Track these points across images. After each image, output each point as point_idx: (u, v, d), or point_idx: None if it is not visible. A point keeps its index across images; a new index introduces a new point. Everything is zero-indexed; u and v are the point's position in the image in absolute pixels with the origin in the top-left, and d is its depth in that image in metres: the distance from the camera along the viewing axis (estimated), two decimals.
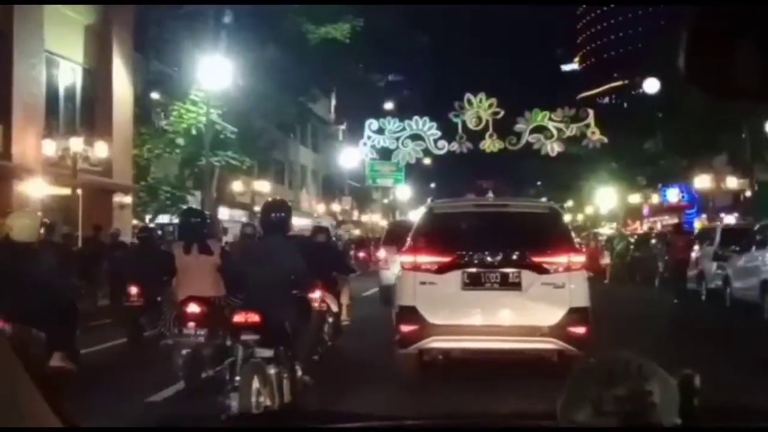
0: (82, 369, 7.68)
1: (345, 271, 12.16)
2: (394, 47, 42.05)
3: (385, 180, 61.93)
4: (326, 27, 23.75)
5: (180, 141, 22.13)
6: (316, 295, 8.55)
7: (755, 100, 1.28)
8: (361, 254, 38.67)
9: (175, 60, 22.14)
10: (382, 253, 18.30)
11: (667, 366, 1.52)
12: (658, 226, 51.81)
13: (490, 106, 33.48)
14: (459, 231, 9.60)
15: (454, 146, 33.93)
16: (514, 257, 8.82)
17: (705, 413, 1.57)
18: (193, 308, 8.47)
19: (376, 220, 64.77)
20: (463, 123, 33.83)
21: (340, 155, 45.72)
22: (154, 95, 23.52)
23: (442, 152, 33.42)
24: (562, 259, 8.79)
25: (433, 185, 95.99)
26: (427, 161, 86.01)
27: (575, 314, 8.58)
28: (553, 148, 32.92)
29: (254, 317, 6.69)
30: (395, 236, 16.41)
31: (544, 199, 19.47)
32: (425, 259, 8.96)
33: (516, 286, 8.74)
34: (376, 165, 62.01)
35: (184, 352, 8.45)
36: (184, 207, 18.85)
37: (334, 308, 10.91)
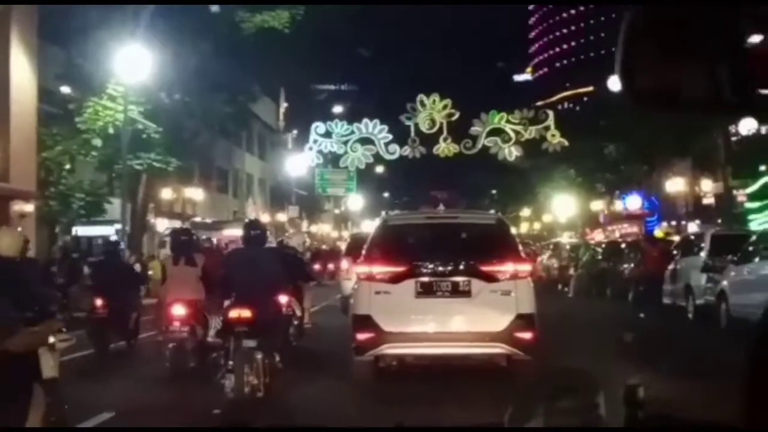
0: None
1: (308, 279, 14.37)
2: (338, 54, 39.84)
3: (335, 189, 59.65)
4: (262, 15, 21.29)
5: (96, 142, 19.48)
6: (283, 299, 10.13)
7: (707, 112, 1.31)
8: (317, 266, 36.36)
9: (88, 50, 19.47)
10: (344, 264, 18.64)
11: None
12: (616, 235, 50.32)
13: (445, 107, 31.27)
14: (412, 242, 10.01)
15: (407, 151, 31.63)
16: (464, 267, 9.21)
17: (650, 424, 1.55)
18: (179, 309, 10.22)
19: (326, 230, 62.28)
20: (416, 126, 31.57)
21: (286, 162, 43.31)
22: (66, 89, 20.78)
23: (393, 157, 31.15)
24: (508, 267, 9.20)
25: (386, 195, 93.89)
26: (379, 169, 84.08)
27: (522, 320, 8.94)
28: (511, 152, 30.87)
29: (246, 313, 8.34)
30: (357, 248, 15.62)
31: (492, 211, 19.40)
32: (380, 269, 9.33)
33: (466, 294, 9.10)
34: (326, 173, 59.79)
35: (170, 345, 10.14)
36: (103, 217, 19.88)
37: (299, 312, 12.65)
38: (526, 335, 8.89)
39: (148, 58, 19.32)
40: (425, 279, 9.19)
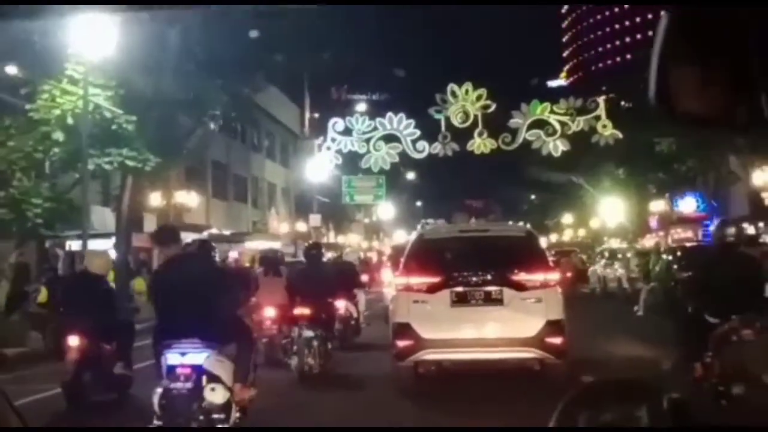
0: None
1: (360, 286, 17.35)
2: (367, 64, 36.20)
3: (363, 197, 56.23)
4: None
5: (58, 135, 15.97)
6: (341, 303, 14.30)
7: (735, 131, 1.62)
8: (365, 276, 33.45)
9: (39, 22, 16.12)
10: (388, 275, 19.04)
11: None
12: (668, 241, 46.21)
13: (479, 98, 27.50)
14: (446, 255, 10.72)
15: (437, 148, 27.87)
16: (496, 276, 9.91)
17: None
18: (270, 312, 12.89)
19: (355, 241, 58.78)
20: (447, 120, 27.84)
21: (306, 167, 39.98)
22: (11, 69, 17.34)
23: (422, 155, 27.47)
24: (538, 276, 9.92)
25: (419, 204, 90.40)
26: (410, 176, 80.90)
27: (552, 326, 9.57)
28: (557, 146, 27.03)
29: (306, 311, 11.51)
30: (399, 258, 16.89)
31: (521, 223, 20.19)
32: (417, 280, 10.11)
33: (498, 302, 9.82)
34: (353, 180, 56.40)
35: (263, 340, 12.27)
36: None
37: (354, 314, 15.52)
38: (556, 340, 9.49)
39: (112, 27, 15.68)
40: (460, 289, 9.88)
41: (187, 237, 35.38)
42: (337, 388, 10.74)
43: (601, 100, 26.86)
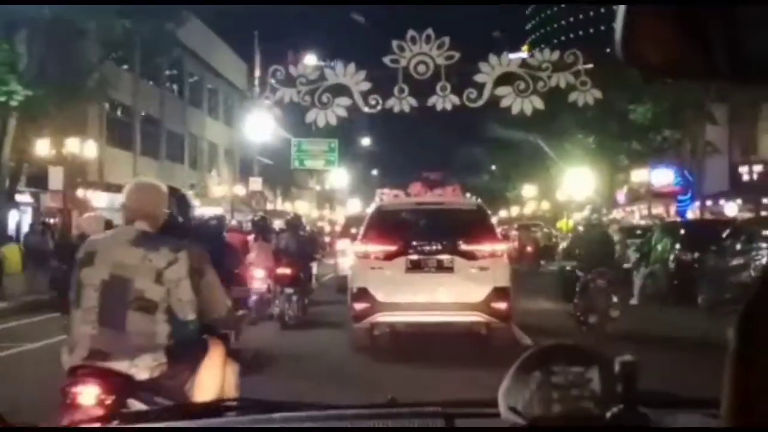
0: None
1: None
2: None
3: (314, 162, 52.43)
4: None
5: None
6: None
7: (703, 80, 1.25)
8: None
9: None
10: (340, 244, 19.72)
11: None
12: (636, 217, 43.42)
13: (441, 47, 23.65)
14: (403, 225, 11.47)
15: (393, 102, 24.02)
16: (448, 246, 10.75)
17: (647, 398, 1.59)
18: (259, 273, 13.97)
19: (305, 209, 55.05)
20: (405, 71, 23.98)
21: (245, 125, 36.24)
22: None
23: (374, 110, 23.70)
24: (486, 247, 10.77)
25: (375, 172, 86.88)
26: (365, 142, 77.33)
27: (498, 292, 10.41)
28: (530, 103, 23.41)
29: (287, 272, 13.84)
30: (352, 228, 18.63)
31: (473, 198, 19.35)
32: (375, 248, 10.91)
33: (449, 270, 10.66)
34: (303, 144, 52.67)
35: (253, 297, 13.13)
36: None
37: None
38: (502, 305, 10.38)
39: None
40: (414, 257, 10.79)
41: (102, 197, 31.45)
42: (310, 333, 13.08)
43: (579, 53, 23.35)
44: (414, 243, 10.79)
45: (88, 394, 3.87)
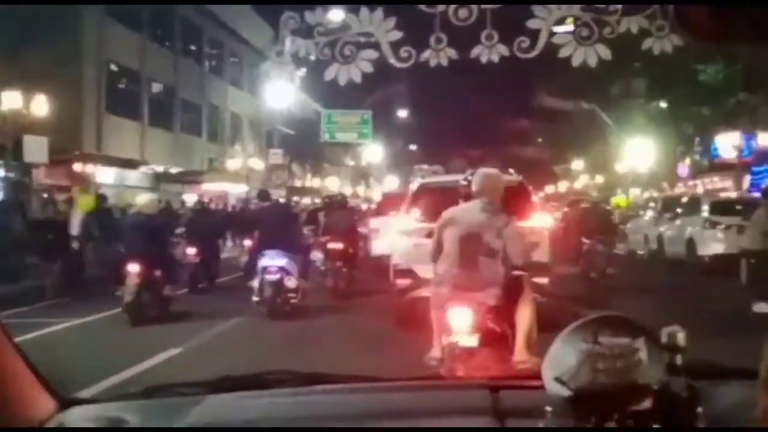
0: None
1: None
2: None
3: (346, 135, 48.81)
4: None
5: None
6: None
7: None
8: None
9: None
10: (374, 223, 19.48)
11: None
12: (699, 191, 38.98)
13: None
14: (445, 202, 9.97)
15: (428, 55, 19.80)
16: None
17: (693, 368, 1.60)
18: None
19: (336, 185, 51.42)
20: (443, 17, 19.78)
21: (264, 91, 32.64)
22: None
23: (406, 64, 19.70)
24: (527, 223, 10.40)
25: (413, 147, 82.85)
26: (402, 114, 73.46)
27: (539, 268, 10.04)
28: (595, 53, 19.15)
29: (338, 246, 15.10)
30: (386, 207, 18.90)
31: (513, 173, 17.16)
32: (417, 225, 11.01)
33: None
34: (334, 116, 48.91)
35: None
36: None
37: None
38: (543, 280, 10.13)
39: None
40: None
41: (107, 172, 28.14)
42: (357, 299, 14.16)
43: None
44: None
45: (459, 314, 6.16)
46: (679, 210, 21.07)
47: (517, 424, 1.81)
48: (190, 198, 34.56)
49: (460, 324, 6.16)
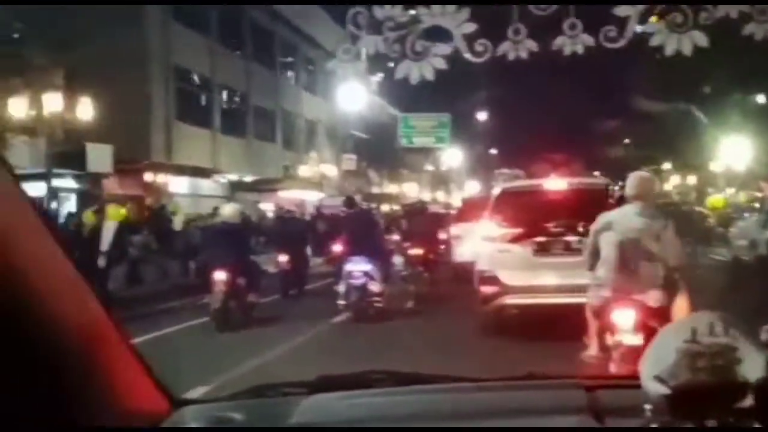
0: None
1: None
2: None
3: (423, 139, 47.52)
4: None
5: None
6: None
7: None
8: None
9: None
10: (455, 230, 19.01)
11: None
12: None
13: None
14: (529, 207, 11.26)
15: (506, 48, 18.32)
16: (576, 227, 10.33)
17: None
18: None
19: (413, 191, 50.19)
20: (522, 6, 18.31)
21: (337, 94, 31.61)
22: None
23: (483, 58, 18.30)
24: None
25: (493, 152, 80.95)
26: (481, 117, 71.79)
27: None
28: (690, 40, 17.43)
29: (419, 252, 15.82)
30: (468, 212, 18.50)
31: (600, 176, 19.27)
32: (502, 231, 10.85)
33: (577, 251, 9.84)
34: (411, 120, 47.68)
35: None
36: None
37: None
38: None
39: None
40: (542, 239, 10.58)
41: (180, 182, 27.52)
42: (440, 304, 13.96)
43: None
44: (541, 225, 10.66)
45: (623, 315, 6.39)
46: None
47: (616, 423, 1.77)
48: (266, 207, 33.98)
49: (624, 324, 6.41)
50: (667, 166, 51.21)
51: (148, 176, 26.01)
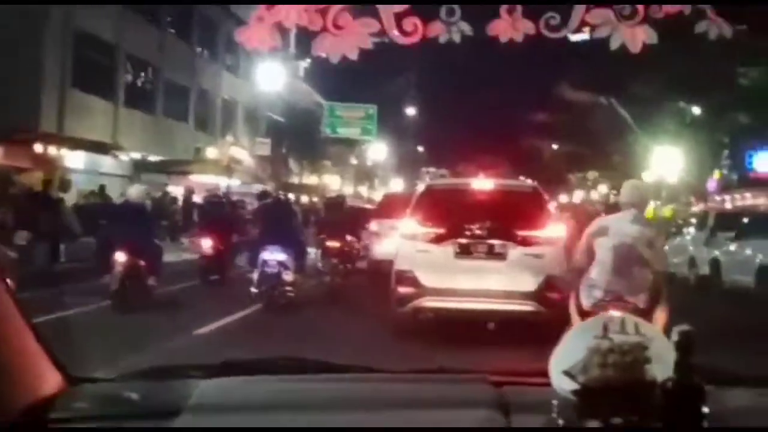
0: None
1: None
2: None
3: (349, 130, 45.83)
4: None
5: None
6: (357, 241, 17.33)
7: None
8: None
9: None
10: (374, 226, 18.46)
11: None
12: (727, 207, 35.56)
13: None
14: (453, 206, 10.80)
15: (437, 29, 16.52)
16: (500, 231, 10.19)
17: (701, 371, 1.57)
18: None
19: (336, 184, 48.23)
20: None
21: (255, 73, 29.38)
22: None
23: (409, 40, 16.41)
24: (541, 233, 10.19)
25: (421, 149, 79.73)
26: (411, 111, 70.36)
27: (552, 281, 9.75)
28: (636, 36, 15.97)
29: (336, 244, 15.33)
30: (388, 208, 18.07)
31: (528, 180, 17.90)
32: (423, 230, 10.41)
33: (501, 256, 10.11)
34: (337, 109, 45.90)
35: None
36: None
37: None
38: (555, 295, 9.43)
39: None
40: (464, 241, 10.16)
41: (76, 156, 25.08)
42: (349, 294, 14.32)
43: None
44: (464, 226, 10.26)
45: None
46: (743, 229, 17.38)
47: (522, 419, 1.77)
48: (176, 190, 31.66)
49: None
50: (593, 174, 50.44)
51: (38, 147, 23.46)
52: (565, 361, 1.55)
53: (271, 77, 30.90)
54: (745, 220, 18.06)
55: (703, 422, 1.50)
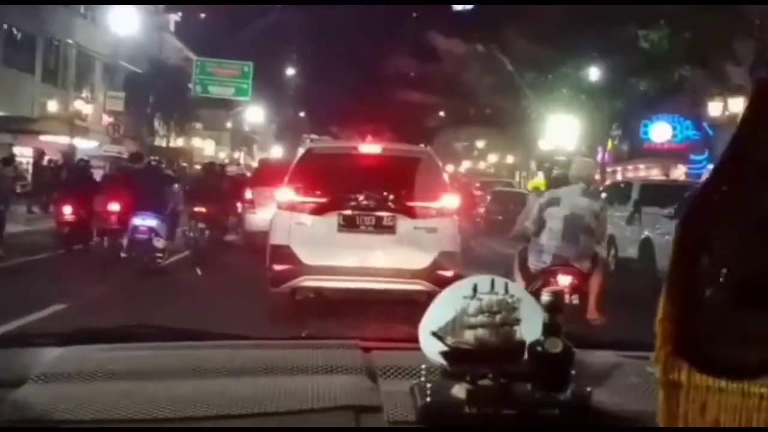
0: None
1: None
2: None
3: (221, 89, 42.01)
4: None
5: None
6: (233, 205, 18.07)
7: None
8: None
9: None
10: (249, 194, 17.23)
11: None
12: (618, 178, 34.22)
13: None
14: (337, 173, 9.87)
15: None
16: (389, 201, 9.33)
17: (569, 336, 1.55)
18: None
19: (210, 151, 44.63)
20: None
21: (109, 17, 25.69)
22: None
23: None
24: (434, 204, 9.39)
25: (302, 114, 76.74)
26: (290, 71, 67.09)
27: (445, 257, 9.11)
28: None
29: (203, 210, 15.18)
30: (265, 176, 16.88)
31: (421, 145, 15.38)
32: (302, 199, 9.41)
33: (390, 229, 9.26)
34: (209, 65, 42.11)
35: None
36: None
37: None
38: (448, 273, 8.83)
39: None
40: (348, 212, 9.30)
41: None
42: (219, 259, 14.42)
43: None
44: (349, 196, 9.20)
45: (564, 279, 7.25)
46: (631, 201, 16.09)
47: (389, 382, 1.75)
48: (21, 151, 27.87)
49: (565, 286, 7.15)
50: (481, 144, 48.61)
51: None
52: (435, 324, 1.50)
53: (128, 23, 27.15)
54: (637, 188, 16.81)
55: (570, 383, 1.49)
